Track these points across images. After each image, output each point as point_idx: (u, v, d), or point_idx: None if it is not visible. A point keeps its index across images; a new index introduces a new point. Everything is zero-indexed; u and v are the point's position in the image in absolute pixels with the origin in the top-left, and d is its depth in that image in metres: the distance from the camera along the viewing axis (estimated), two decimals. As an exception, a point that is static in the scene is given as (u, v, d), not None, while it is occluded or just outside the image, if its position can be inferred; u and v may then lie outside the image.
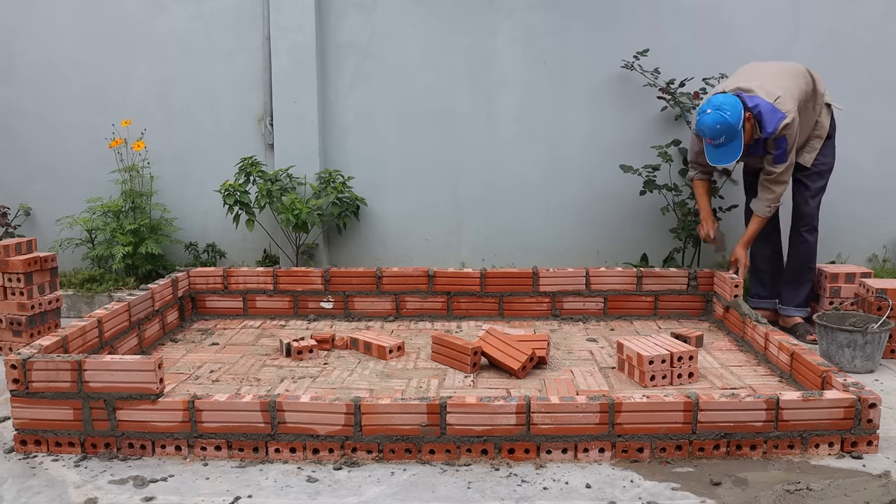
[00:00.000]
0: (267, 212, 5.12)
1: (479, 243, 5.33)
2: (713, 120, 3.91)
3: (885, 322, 3.75)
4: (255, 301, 4.60)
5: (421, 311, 4.58)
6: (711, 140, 3.97)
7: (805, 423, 2.76)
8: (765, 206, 4.19)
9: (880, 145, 5.11)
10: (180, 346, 4.08)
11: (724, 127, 3.90)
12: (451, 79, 5.20)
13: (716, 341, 4.09)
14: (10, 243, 4.03)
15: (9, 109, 5.36)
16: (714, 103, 3.94)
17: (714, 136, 3.94)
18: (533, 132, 5.22)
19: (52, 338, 3.18)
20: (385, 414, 2.75)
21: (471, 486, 2.58)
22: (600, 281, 4.53)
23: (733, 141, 3.94)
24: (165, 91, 5.30)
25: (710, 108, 3.94)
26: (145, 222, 5.05)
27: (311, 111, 5.13)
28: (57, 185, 5.38)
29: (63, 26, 5.27)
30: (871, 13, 5.00)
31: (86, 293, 4.93)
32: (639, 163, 4.99)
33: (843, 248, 5.17)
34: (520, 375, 3.50)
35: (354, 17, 5.18)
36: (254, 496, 2.53)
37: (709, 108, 3.94)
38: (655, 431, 2.75)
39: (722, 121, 3.89)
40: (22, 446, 2.86)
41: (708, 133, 3.95)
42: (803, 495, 2.48)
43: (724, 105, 3.92)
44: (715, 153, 4.04)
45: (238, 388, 3.41)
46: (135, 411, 2.80)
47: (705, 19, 5.04)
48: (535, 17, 5.12)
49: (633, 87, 5.08)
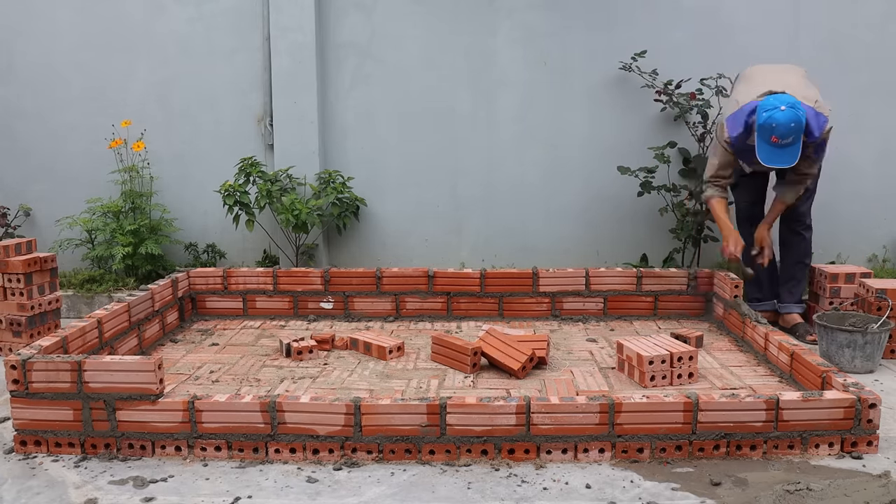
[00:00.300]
0: (267, 212, 5.12)
1: (478, 244, 5.33)
2: (788, 118, 3.71)
3: (884, 322, 3.75)
4: (254, 301, 4.60)
5: (421, 312, 4.58)
6: (780, 139, 3.75)
7: (805, 424, 2.76)
8: (794, 195, 4.17)
9: (880, 145, 5.11)
10: (180, 346, 4.08)
11: (797, 126, 3.72)
12: (451, 79, 5.20)
13: (716, 341, 4.09)
14: (9, 244, 4.03)
15: (9, 110, 5.36)
16: (786, 101, 3.78)
17: (785, 134, 3.73)
18: (533, 132, 5.22)
19: (52, 338, 3.18)
20: (385, 414, 2.75)
21: (471, 487, 2.58)
22: (600, 281, 4.53)
23: (797, 142, 3.78)
24: (165, 91, 5.30)
25: (783, 104, 3.75)
26: (145, 223, 5.05)
27: (311, 111, 5.13)
28: (57, 186, 5.38)
29: (63, 27, 5.27)
30: (871, 13, 5.00)
31: (86, 294, 4.93)
32: (639, 163, 4.99)
33: (843, 248, 5.17)
34: (520, 376, 3.50)
35: (354, 17, 5.18)
36: (254, 496, 2.53)
37: (782, 105, 3.75)
38: (655, 432, 2.74)
39: (797, 119, 3.72)
40: (22, 447, 2.86)
41: (780, 131, 3.73)
42: (803, 495, 2.48)
43: (798, 104, 3.77)
44: (775, 153, 3.82)
45: (238, 388, 3.41)
46: (135, 412, 2.80)
47: (705, 19, 5.04)
48: (534, 18, 5.12)
49: (632, 88, 5.08)
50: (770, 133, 3.77)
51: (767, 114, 3.78)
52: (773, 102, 3.81)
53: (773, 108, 3.78)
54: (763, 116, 3.80)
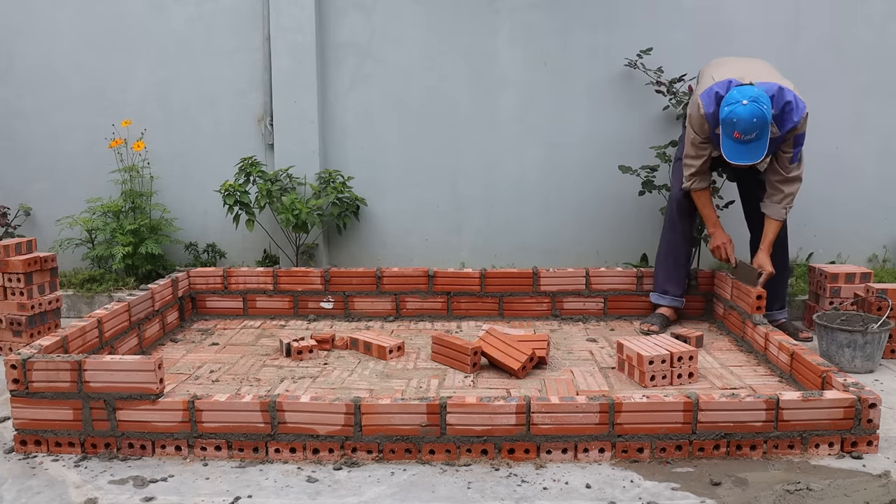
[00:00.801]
0: (267, 212, 5.12)
1: (479, 243, 5.33)
2: (750, 112, 3.55)
3: (885, 322, 3.75)
4: (255, 301, 4.60)
5: (421, 312, 4.58)
6: (742, 134, 3.60)
7: (805, 424, 2.76)
8: (782, 208, 3.96)
9: (880, 145, 5.10)
10: (180, 346, 4.08)
11: (760, 121, 3.56)
12: (451, 79, 5.20)
13: (716, 341, 4.09)
14: (10, 243, 4.03)
15: (9, 109, 5.36)
16: (749, 94, 3.59)
17: (747, 130, 3.58)
18: (533, 132, 5.22)
19: (52, 338, 3.18)
20: (385, 414, 2.75)
21: (471, 487, 2.58)
22: (600, 281, 4.53)
23: (762, 138, 3.62)
24: (165, 91, 5.30)
25: (745, 98, 3.58)
26: (145, 222, 5.05)
27: (311, 111, 5.14)
28: (57, 186, 5.38)
29: (63, 26, 5.27)
30: (871, 13, 5.00)
31: (86, 293, 4.93)
32: (638, 163, 4.99)
33: (843, 248, 5.17)
34: (520, 375, 3.50)
35: (354, 17, 5.18)
36: (254, 496, 2.53)
37: (744, 99, 3.57)
38: (655, 431, 2.75)
39: (759, 114, 3.55)
40: (22, 446, 2.86)
41: (742, 126, 3.57)
42: (803, 495, 2.48)
43: (761, 98, 3.59)
44: (738, 149, 3.68)
45: (238, 388, 3.41)
46: (135, 411, 2.80)
47: (705, 19, 5.04)
48: (535, 17, 5.12)
49: (632, 88, 5.08)
50: (732, 128, 3.62)
51: (730, 108, 3.62)
52: (735, 96, 3.64)
53: (735, 101, 3.61)
54: (725, 111, 3.65)
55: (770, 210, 4.00)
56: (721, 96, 3.76)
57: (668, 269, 4.36)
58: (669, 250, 4.37)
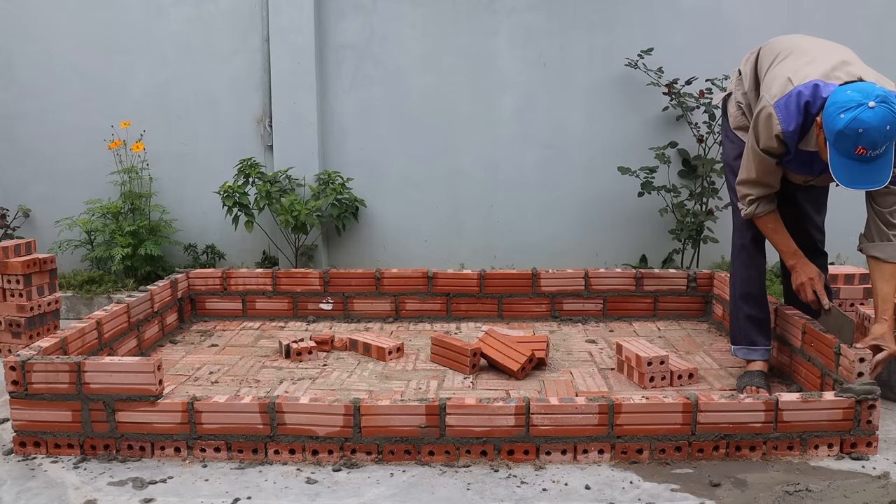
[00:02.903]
0: (266, 213, 5.12)
1: (478, 244, 5.33)
2: (882, 118, 2.59)
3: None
4: (254, 302, 4.59)
5: (420, 313, 4.58)
6: (868, 149, 2.62)
7: (804, 425, 2.76)
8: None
9: (879, 146, 5.10)
10: (179, 347, 4.08)
11: (893, 129, 2.61)
12: (451, 80, 5.21)
13: (715, 342, 4.09)
14: (9, 245, 4.03)
15: (8, 111, 5.36)
16: (873, 93, 2.64)
17: (876, 142, 2.61)
18: (532, 133, 5.22)
19: (52, 339, 3.17)
20: (384, 415, 2.75)
21: (470, 488, 2.58)
22: (599, 282, 4.53)
23: (889, 153, 2.68)
24: (164, 93, 5.30)
25: (870, 99, 2.61)
26: (144, 224, 5.05)
27: (311, 112, 5.14)
28: (56, 187, 5.38)
29: (62, 28, 5.27)
30: (871, 13, 5.01)
31: (85, 295, 4.93)
32: (638, 164, 5.00)
33: (842, 248, 5.16)
34: (519, 377, 3.50)
35: (353, 19, 5.18)
36: (253, 497, 2.53)
37: (870, 101, 2.60)
38: (655, 433, 2.74)
39: (893, 120, 2.60)
40: (21, 448, 2.86)
41: (869, 138, 2.60)
42: (802, 496, 2.48)
43: (890, 98, 2.63)
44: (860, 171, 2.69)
45: (237, 389, 3.41)
46: (134, 413, 2.80)
47: (705, 19, 5.05)
48: (534, 18, 5.12)
49: (632, 89, 5.09)
50: (854, 142, 2.62)
51: (851, 114, 2.61)
52: (854, 97, 2.65)
53: (855, 104, 2.62)
54: (843, 119, 2.62)
55: (883, 252, 2.97)
56: (810, 103, 2.82)
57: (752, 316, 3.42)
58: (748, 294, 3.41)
